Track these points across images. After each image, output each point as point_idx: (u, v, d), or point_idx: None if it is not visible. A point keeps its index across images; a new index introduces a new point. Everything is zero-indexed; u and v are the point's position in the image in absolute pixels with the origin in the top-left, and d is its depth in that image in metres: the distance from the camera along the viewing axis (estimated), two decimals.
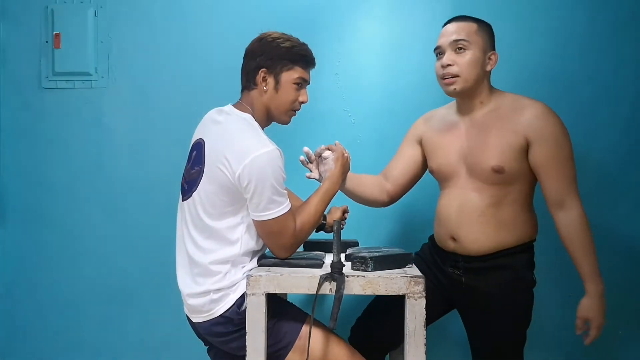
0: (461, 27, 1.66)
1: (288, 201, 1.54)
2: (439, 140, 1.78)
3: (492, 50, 1.69)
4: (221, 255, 1.55)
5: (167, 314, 2.30)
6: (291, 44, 1.60)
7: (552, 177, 1.62)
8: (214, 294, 1.54)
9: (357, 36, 2.30)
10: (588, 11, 2.22)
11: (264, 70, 1.59)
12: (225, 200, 1.53)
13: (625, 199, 2.22)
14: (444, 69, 1.66)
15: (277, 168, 1.50)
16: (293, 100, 1.62)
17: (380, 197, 1.89)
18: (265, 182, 1.47)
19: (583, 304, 1.64)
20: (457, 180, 1.73)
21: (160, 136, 2.35)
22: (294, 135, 2.14)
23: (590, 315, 1.63)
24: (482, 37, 1.66)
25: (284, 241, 1.55)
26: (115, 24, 2.36)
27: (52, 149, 2.38)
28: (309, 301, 2.12)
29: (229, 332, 1.56)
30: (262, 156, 1.48)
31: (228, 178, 1.50)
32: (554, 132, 1.61)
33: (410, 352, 1.43)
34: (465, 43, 1.64)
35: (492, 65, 1.68)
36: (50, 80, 2.37)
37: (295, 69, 1.60)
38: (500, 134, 1.64)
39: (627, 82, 2.21)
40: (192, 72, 2.34)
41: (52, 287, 2.38)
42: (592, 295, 1.62)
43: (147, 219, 2.34)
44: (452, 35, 1.65)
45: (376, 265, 1.49)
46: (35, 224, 2.39)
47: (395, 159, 1.92)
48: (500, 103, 1.69)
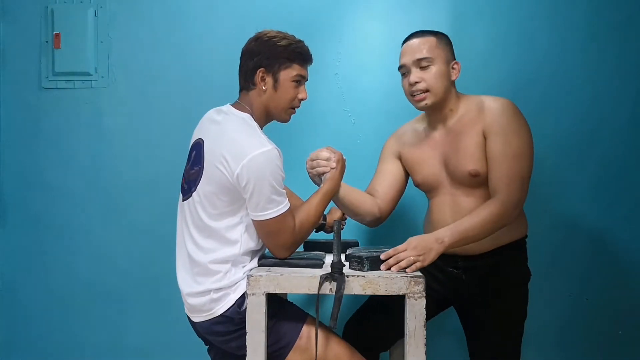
0: (422, 43, 1.69)
1: (287, 200, 1.54)
2: (418, 154, 1.80)
3: (453, 59, 1.72)
4: (221, 255, 1.54)
5: (167, 314, 2.30)
6: (288, 42, 1.60)
7: (493, 170, 1.62)
8: (214, 294, 1.54)
9: (357, 36, 2.30)
10: (588, 11, 2.22)
11: (262, 70, 1.59)
12: (224, 200, 1.53)
13: (626, 199, 2.22)
14: (412, 86, 1.69)
15: (275, 167, 1.49)
16: (292, 97, 1.62)
17: (372, 210, 1.83)
18: (264, 181, 1.47)
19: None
20: (443, 188, 1.76)
21: (159, 136, 2.35)
22: (294, 135, 2.14)
23: (413, 242, 1.52)
24: (443, 49, 1.70)
25: (283, 241, 1.55)
26: (115, 24, 2.36)
27: (52, 149, 2.38)
28: (308, 301, 2.12)
29: (230, 332, 1.56)
30: (260, 156, 1.48)
31: (227, 178, 1.50)
32: (505, 127, 1.62)
33: (411, 352, 1.43)
34: (429, 59, 1.67)
35: (456, 75, 1.72)
36: (50, 80, 2.37)
37: (293, 66, 1.60)
38: (469, 137, 1.67)
39: (627, 82, 2.21)
40: (192, 72, 2.34)
41: (52, 286, 2.38)
42: (435, 234, 1.55)
43: (147, 219, 2.34)
44: (415, 54, 1.68)
45: (372, 265, 1.50)
46: (35, 224, 2.38)
47: (378, 177, 1.89)
48: (467, 107, 1.72)
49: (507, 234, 1.68)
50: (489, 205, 1.58)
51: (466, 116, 1.70)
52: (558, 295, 2.21)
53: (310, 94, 1.68)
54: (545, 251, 2.18)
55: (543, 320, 2.18)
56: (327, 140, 2.25)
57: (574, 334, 2.24)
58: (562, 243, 2.22)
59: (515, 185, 1.59)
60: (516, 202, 1.60)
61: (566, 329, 2.24)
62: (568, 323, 2.24)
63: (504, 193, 1.59)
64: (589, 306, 2.23)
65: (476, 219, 1.57)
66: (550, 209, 2.21)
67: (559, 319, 2.23)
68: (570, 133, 2.20)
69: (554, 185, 2.21)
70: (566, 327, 2.24)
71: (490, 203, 1.59)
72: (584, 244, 2.23)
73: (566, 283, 2.23)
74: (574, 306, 2.24)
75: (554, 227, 2.19)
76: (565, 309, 2.23)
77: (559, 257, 2.21)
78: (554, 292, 2.20)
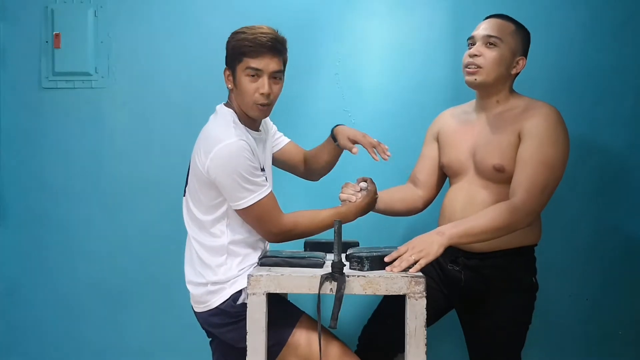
0: (499, 24, 1.69)
1: (264, 188, 1.56)
2: (453, 137, 1.80)
3: (522, 55, 1.71)
4: (213, 247, 1.60)
5: (168, 313, 2.30)
6: (242, 35, 1.57)
7: (518, 172, 1.59)
8: (211, 286, 1.59)
9: (357, 36, 2.30)
10: (589, 10, 2.22)
11: (226, 69, 1.64)
12: (208, 194, 1.58)
13: (626, 198, 2.22)
14: (471, 58, 1.68)
15: (242, 158, 1.52)
16: (251, 92, 1.57)
17: (415, 205, 1.88)
18: (232, 173, 1.51)
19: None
20: (465, 176, 1.75)
21: (160, 136, 2.35)
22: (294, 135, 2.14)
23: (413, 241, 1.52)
24: (516, 40, 1.68)
25: (268, 227, 1.59)
26: (115, 24, 2.36)
27: (52, 149, 2.37)
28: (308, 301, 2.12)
29: (225, 324, 1.60)
30: (224, 148, 1.52)
31: (202, 172, 1.56)
32: (542, 132, 1.59)
33: (411, 352, 1.43)
34: (497, 40, 1.66)
35: (518, 70, 1.70)
36: (50, 80, 2.37)
37: (243, 60, 1.57)
38: (505, 134, 1.65)
39: (627, 82, 2.21)
40: (192, 72, 2.34)
41: (52, 286, 2.37)
42: (438, 231, 1.53)
43: (147, 219, 2.34)
44: (487, 30, 1.68)
45: (372, 265, 1.50)
46: (35, 224, 2.38)
47: (419, 162, 1.92)
48: (515, 105, 1.70)
49: (516, 238, 1.65)
50: (500, 207, 1.55)
51: (510, 113, 1.68)
52: (558, 295, 2.21)
53: (311, 94, 1.68)
54: (545, 251, 2.17)
55: (543, 320, 2.17)
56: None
57: (574, 334, 2.24)
58: (562, 243, 2.22)
59: (534, 192, 1.55)
60: (530, 210, 1.55)
61: (566, 329, 2.24)
62: (568, 323, 2.24)
63: (521, 198, 1.55)
64: (589, 306, 2.23)
65: (482, 219, 1.54)
66: (550, 209, 2.20)
67: (559, 319, 2.22)
68: (570, 133, 2.19)
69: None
70: (566, 327, 2.24)
71: (503, 205, 1.55)
72: (584, 244, 2.23)
73: (566, 283, 2.23)
74: (574, 306, 2.24)
75: (553, 227, 2.19)
76: (565, 309, 2.23)
77: (559, 257, 2.21)
78: (554, 292, 2.20)
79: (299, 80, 2.24)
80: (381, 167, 2.01)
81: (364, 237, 2.05)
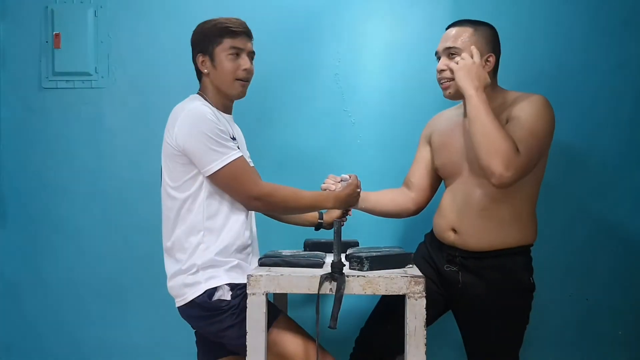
0: (455, 32, 1.70)
1: (234, 151, 1.59)
2: (444, 139, 1.81)
3: (490, 52, 1.69)
4: (189, 227, 1.60)
5: (168, 313, 2.28)
6: (214, 22, 1.69)
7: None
8: (188, 277, 1.59)
9: (357, 36, 2.30)
10: (589, 10, 2.22)
11: (200, 55, 1.70)
12: (181, 169, 1.61)
13: (626, 198, 2.22)
14: (439, 73, 1.72)
15: (207, 120, 1.57)
16: (233, 69, 1.67)
17: (406, 206, 1.90)
18: (199, 135, 1.55)
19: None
20: (460, 177, 1.75)
21: (160, 136, 2.33)
22: (294, 135, 2.15)
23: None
24: (477, 41, 1.68)
25: (245, 189, 1.60)
26: (115, 24, 2.36)
27: (52, 149, 2.37)
28: (308, 301, 2.12)
29: (202, 317, 1.61)
30: (188, 113, 1.58)
31: (172, 147, 1.60)
32: (527, 111, 1.60)
33: (411, 352, 1.43)
34: (457, 50, 1.68)
35: (490, 67, 1.69)
36: (50, 80, 2.37)
37: (224, 41, 1.67)
38: None
39: (628, 82, 2.21)
40: (192, 72, 2.33)
41: (52, 286, 2.37)
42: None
43: (147, 218, 2.33)
44: (446, 42, 1.70)
45: (372, 265, 1.50)
46: (35, 224, 2.38)
47: (412, 167, 1.94)
48: (502, 101, 1.70)
49: (509, 235, 1.66)
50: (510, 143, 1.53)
51: (498, 108, 1.68)
52: (558, 295, 2.21)
53: (311, 94, 1.68)
54: (545, 251, 2.17)
55: (543, 321, 2.17)
56: (327, 140, 2.26)
57: (574, 334, 2.24)
58: (562, 243, 2.22)
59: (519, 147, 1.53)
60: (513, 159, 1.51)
61: (566, 329, 2.24)
62: (568, 323, 2.24)
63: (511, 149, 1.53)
64: (589, 306, 2.23)
65: (493, 122, 1.54)
66: (550, 209, 2.21)
67: (559, 319, 2.22)
68: (571, 133, 2.20)
69: (554, 185, 2.21)
70: (566, 327, 2.24)
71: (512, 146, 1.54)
72: (584, 244, 2.23)
73: (566, 283, 2.23)
74: (574, 306, 2.23)
75: (553, 227, 2.19)
76: (565, 309, 2.23)
77: (559, 257, 2.21)
78: (554, 292, 2.20)
79: (299, 80, 2.25)
80: (380, 167, 2.02)
81: (364, 237, 2.05)
